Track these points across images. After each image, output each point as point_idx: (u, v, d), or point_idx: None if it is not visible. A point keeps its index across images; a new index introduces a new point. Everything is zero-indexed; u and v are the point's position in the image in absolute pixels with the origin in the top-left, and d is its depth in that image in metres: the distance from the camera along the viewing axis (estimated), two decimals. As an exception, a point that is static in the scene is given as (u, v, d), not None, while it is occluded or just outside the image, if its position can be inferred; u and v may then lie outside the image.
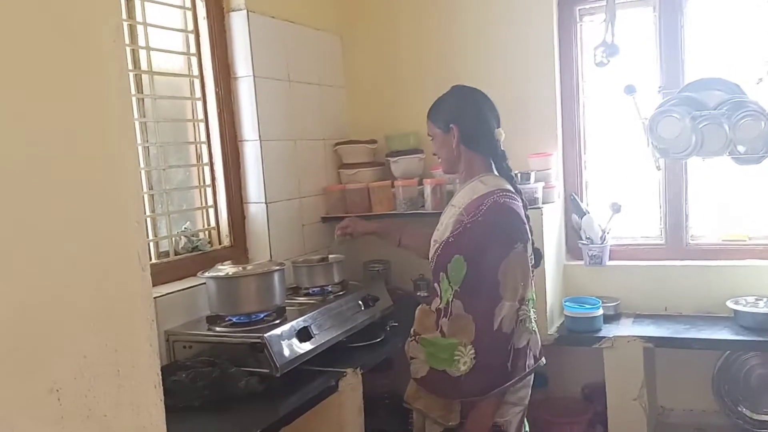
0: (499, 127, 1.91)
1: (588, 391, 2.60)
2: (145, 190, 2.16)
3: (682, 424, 2.55)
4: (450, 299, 1.81)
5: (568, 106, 2.70)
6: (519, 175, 2.43)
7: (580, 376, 2.67)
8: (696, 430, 2.51)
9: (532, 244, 1.90)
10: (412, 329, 1.92)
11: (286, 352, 1.86)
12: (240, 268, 1.99)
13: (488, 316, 1.75)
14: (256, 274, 1.94)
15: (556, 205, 2.63)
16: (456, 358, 1.77)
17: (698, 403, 2.58)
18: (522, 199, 1.87)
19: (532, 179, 2.45)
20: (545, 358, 1.87)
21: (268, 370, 1.80)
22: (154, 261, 2.14)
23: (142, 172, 2.16)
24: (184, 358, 1.92)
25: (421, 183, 2.64)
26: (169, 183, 2.30)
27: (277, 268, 1.99)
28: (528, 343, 1.81)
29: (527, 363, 1.80)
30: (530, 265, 1.82)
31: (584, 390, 2.63)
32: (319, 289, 2.31)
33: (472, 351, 1.75)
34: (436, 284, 1.87)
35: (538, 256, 1.94)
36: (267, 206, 2.45)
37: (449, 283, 1.83)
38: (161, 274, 2.12)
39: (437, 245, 1.87)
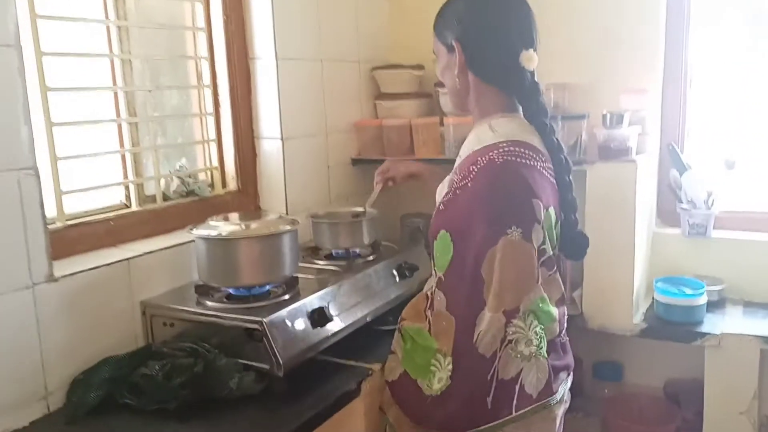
0: (530, 48, 1.30)
1: (673, 389, 2.10)
2: (123, 116, 1.67)
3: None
4: (433, 288, 1.32)
5: (674, 33, 2.09)
6: (609, 116, 1.87)
7: (663, 368, 2.16)
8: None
9: (573, 224, 1.37)
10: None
11: (294, 342, 1.39)
12: (240, 226, 1.51)
13: (468, 325, 1.23)
14: (260, 236, 1.46)
15: (650, 157, 2.06)
16: (432, 369, 1.27)
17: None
18: (546, 159, 1.32)
19: (625, 123, 1.88)
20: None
21: (267, 366, 1.35)
22: (133, 208, 1.68)
23: (120, 93, 1.67)
24: (162, 341, 1.47)
25: (477, 121, 2.11)
26: (160, 109, 1.81)
27: (288, 228, 1.50)
28: (519, 376, 1.22)
29: (516, 404, 1.22)
30: (538, 259, 1.25)
31: (668, 387, 2.13)
32: (343, 251, 1.83)
33: (450, 366, 1.25)
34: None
35: (580, 244, 1.40)
36: (283, 143, 1.95)
37: (434, 265, 1.33)
38: (143, 225, 1.66)
39: (436, 209, 1.37)
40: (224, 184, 1.96)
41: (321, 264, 1.78)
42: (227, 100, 1.91)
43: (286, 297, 1.49)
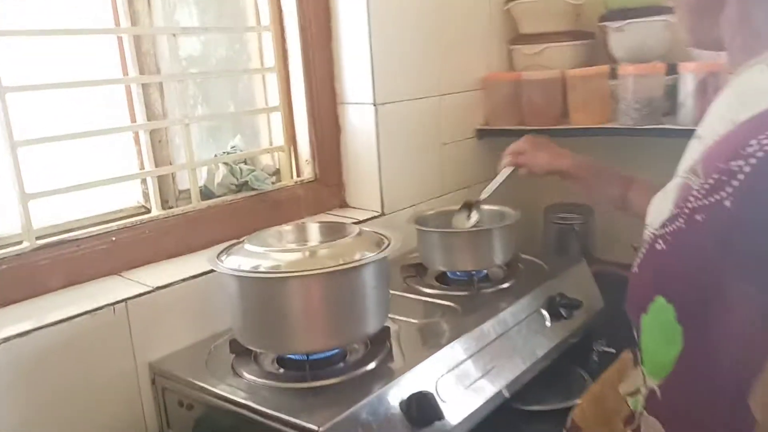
0: None
1: None
2: (133, 74, 1.13)
3: None
4: (641, 407, 0.68)
5: None
6: None
7: None
8: None
9: None
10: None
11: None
12: (300, 251, 0.92)
13: None
14: (325, 272, 0.85)
15: None
16: None
17: None
18: None
19: None
20: None
21: (329, 507, 0.77)
22: (154, 213, 1.15)
23: (125, 37, 1.12)
24: (174, 435, 0.94)
25: (672, 71, 1.38)
26: (197, 63, 1.26)
27: (373, 257, 0.88)
28: None
29: None
30: None
31: None
32: (464, 275, 1.21)
33: None
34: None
35: None
36: (377, 110, 1.33)
37: (642, 361, 0.69)
38: (165, 238, 1.12)
39: (643, 245, 0.70)
40: (296, 171, 1.39)
41: (427, 294, 1.17)
42: (297, 49, 1.32)
43: (368, 368, 0.90)
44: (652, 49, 1.42)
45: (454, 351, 0.96)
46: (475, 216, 1.19)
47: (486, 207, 1.24)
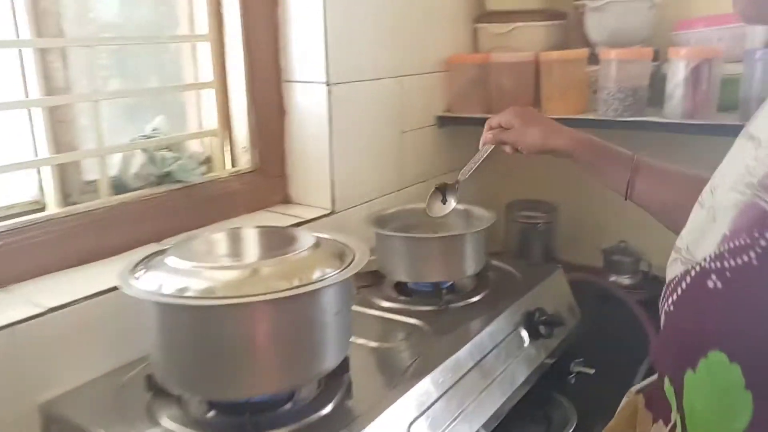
0: None
1: None
2: (28, 36, 0.90)
3: None
4: None
5: None
6: None
7: None
8: None
9: None
10: None
11: None
12: (236, 268, 0.72)
13: None
14: (276, 298, 0.65)
15: None
16: None
17: None
18: None
19: None
20: None
21: None
22: (50, 211, 0.92)
23: (15, -10, 0.88)
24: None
25: (658, 57, 1.24)
26: (112, 27, 1.03)
27: (337, 277, 0.69)
28: None
29: None
30: None
31: None
32: (429, 286, 1.04)
33: None
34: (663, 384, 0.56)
35: None
36: (330, 91, 1.14)
37: (684, 428, 0.53)
38: (63, 242, 0.90)
39: (676, 274, 0.55)
40: (230, 160, 1.18)
41: (387, 308, 1.00)
42: (236, 14, 1.11)
43: (324, 412, 0.72)
44: (635, 31, 1.29)
45: (427, 387, 0.79)
46: (452, 200, 1.00)
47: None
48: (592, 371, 1.07)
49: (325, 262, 0.72)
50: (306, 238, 0.76)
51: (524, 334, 0.99)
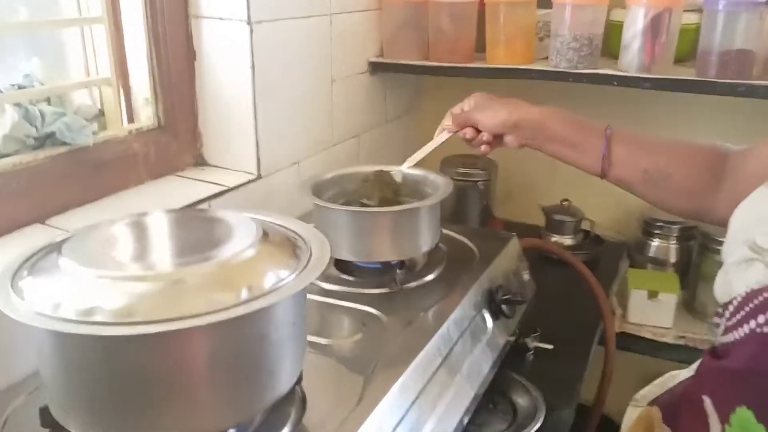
0: None
1: None
2: None
3: None
4: None
5: None
6: None
7: None
8: None
9: None
10: None
11: None
12: (164, 281, 0.53)
13: None
14: (215, 322, 0.49)
15: None
16: None
17: None
18: None
19: None
20: None
21: None
22: None
23: None
24: None
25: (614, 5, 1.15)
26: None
27: (293, 286, 0.53)
28: None
29: None
30: None
31: None
32: (379, 266, 0.90)
33: None
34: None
35: None
36: (252, 29, 0.94)
37: None
38: None
39: (732, 324, 0.47)
40: (128, 116, 0.97)
41: (331, 292, 0.85)
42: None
43: (280, 446, 0.58)
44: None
45: (396, 398, 0.66)
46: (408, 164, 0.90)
47: (404, 171, 0.94)
48: (550, 347, 0.99)
49: (274, 260, 0.56)
50: (243, 227, 0.59)
51: (487, 315, 0.89)
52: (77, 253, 0.54)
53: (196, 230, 0.61)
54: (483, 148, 0.87)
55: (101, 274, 0.51)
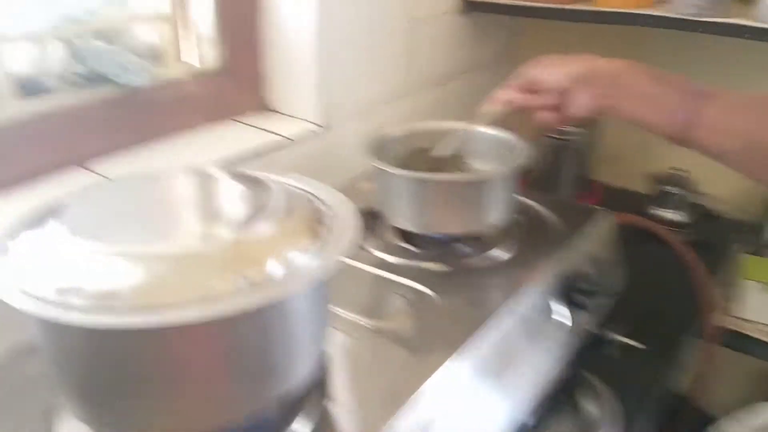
0: None
1: None
2: None
3: None
4: None
5: None
6: None
7: None
8: None
9: None
10: None
11: None
12: (167, 263, 0.47)
13: None
14: (202, 322, 0.42)
15: None
16: None
17: None
18: None
19: None
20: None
21: None
22: None
23: None
24: None
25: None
26: None
27: (309, 276, 0.45)
28: None
29: None
30: None
31: None
32: (440, 238, 0.80)
33: None
34: None
35: None
36: (319, -35, 0.84)
37: None
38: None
39: None
40: (186, 54, 0.90)
41: (385, 264, 0.76)
42: None
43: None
44: None
45: (437, 397, 0.58)
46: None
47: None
48: (642, 346, 0.85)
49: (294, 238, 0.48)
50: (272, 195, 0.51)
51: (560, 307, 0.77)
52: (70, 218, 0.48)
53: (216, 195, 0.55)
54: (546, 115, 0.72)
55: (90, 248, 0.45)
